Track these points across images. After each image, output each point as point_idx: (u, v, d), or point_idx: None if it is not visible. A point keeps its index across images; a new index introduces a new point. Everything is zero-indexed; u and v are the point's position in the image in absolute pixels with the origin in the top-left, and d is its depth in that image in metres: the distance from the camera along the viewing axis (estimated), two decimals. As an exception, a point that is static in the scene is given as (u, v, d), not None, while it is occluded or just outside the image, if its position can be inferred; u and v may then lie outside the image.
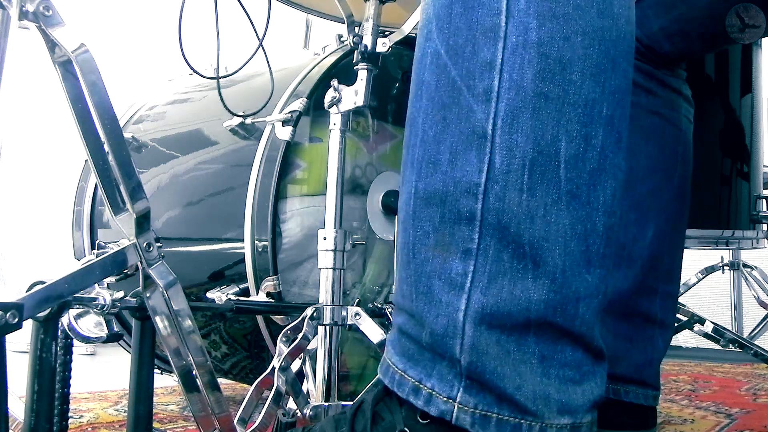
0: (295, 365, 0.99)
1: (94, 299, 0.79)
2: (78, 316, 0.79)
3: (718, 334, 1.90)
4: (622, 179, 0.61)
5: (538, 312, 0.56)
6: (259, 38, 1.17)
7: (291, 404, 0.97)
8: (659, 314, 1.01)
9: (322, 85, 1.22)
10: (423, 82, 0.61)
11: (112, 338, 0.81)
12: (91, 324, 0.80)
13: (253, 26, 1.17)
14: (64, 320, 0.77)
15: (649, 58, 0.98)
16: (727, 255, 2.54)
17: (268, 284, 1.15)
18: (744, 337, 2.18)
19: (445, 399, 0.57)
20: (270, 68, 1.21)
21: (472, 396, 0.57)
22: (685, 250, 1.07)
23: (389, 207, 1.29)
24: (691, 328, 1.94)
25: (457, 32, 0.58)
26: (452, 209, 0.57)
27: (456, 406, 0.57)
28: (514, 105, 0.56)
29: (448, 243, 0.58)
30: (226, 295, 1.16)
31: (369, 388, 1.05)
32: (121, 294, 0.80)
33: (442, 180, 0.58)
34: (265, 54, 1.20)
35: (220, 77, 1.17)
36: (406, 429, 0.59)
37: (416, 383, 0.59)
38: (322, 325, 1.00)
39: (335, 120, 1.05)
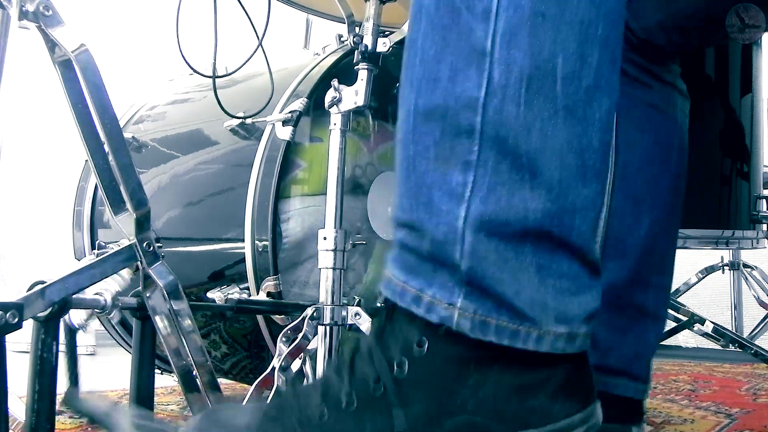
0: (295, 365, 0.99)
1: (95, 299, 0.79)
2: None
3: (718, 334, 1.90)
4: (617, 98, 0.63)
5: (536, 221, 0.58)
6: (258, 38, 1.17)
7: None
8: (652, 307, 1.02)
9: (322, 85, 1.21)
10: (422, 6, 0.63)
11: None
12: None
13: (253, 26, 1.17)
14: (65, 316, 0.77)
15: (644, 52, 0.99)
16: (727, 255, 2.54)
17: (269, 284, 1.15)
18: (744, 337, 2.18)
19: (445, 305, 0.59)
20: (269, 68, 1.21)
21: (472, 302, 0.58)
22: (685, 250, 1.08)
23: None
24: (691, 328, 1.94)
25: None
26: (452, 123, 0.59)
27: (456, 312, 0.59)
28: (512, 23, 0.58)
29: (448, 156, 0.60)
30: (227, 295, 1.16)
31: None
32: (122, 301, 0.80)
33: (442, 96, 0.60)
34: (265, 54, 1.20)
35: (217, 77, 1.17)
36: (402, 361, 0.61)
37: (417, 292, 0.61)
38: (322, 325, 1.00)
39: (335, 120, 1.05)
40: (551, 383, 0.60)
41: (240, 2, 1.14)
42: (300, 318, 0.99)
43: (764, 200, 1.83)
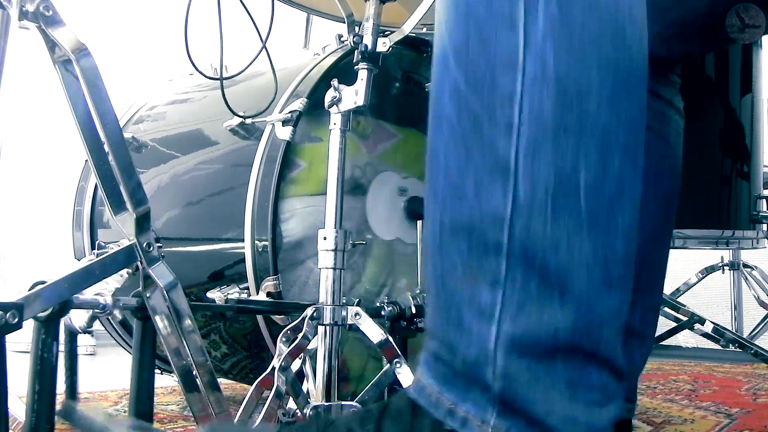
0: (295, 365, 0.99)
1: (95, 299, 0.79)
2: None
3: (718, 334, 1.91)
4: (639, 205, 0.63)
5: (566, 337, 0.58)
6: (262, 40, 1.17)
7: (291, 404, 0.97)
8: (638, 326, 1.02)
9: (322, 84, 1.21)
10: (443, 115, 0.62)
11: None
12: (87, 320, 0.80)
13: (256, 27, 1.17)
14: (65, 319, 0.77)
15: None
16: (727, 255, 2.54)
17: (269, 284, 1.15)
18: (744, 337, 2.18)
19: (479, 423, 0.59)
20: (273, 69, 1.21)
21: (504, 420, 0.58)
22: (685, 250, 1.08)
23: (415, 213, 1.30)
24: (691, 328, 1.94)
25: (476, 65, 0.59)
26: (479, 240, 0.59)
27: (490, 431, 0.58)
28: (534, 136, 0.57)
29: (476, 273, 0.59)
30: (227, 295, 1.16)
31: (371, 390, 1.05)
32: (122, 301, 0.80)
33: (468, 212, 0.60)
34: (269, 55, 1.19)
35: (224, 78, 1.17)
36: None
37: (452, 406, 0.60)
38: (322, 325, 1.00)
39: (335, 120, 1.05)
40: None
41: (243, 4, 1.14)
42: (300, 318, 0.98)
43: (764, 200, 1.83)
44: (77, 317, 0.81)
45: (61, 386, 0.78)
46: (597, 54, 0.58)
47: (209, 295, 1.17)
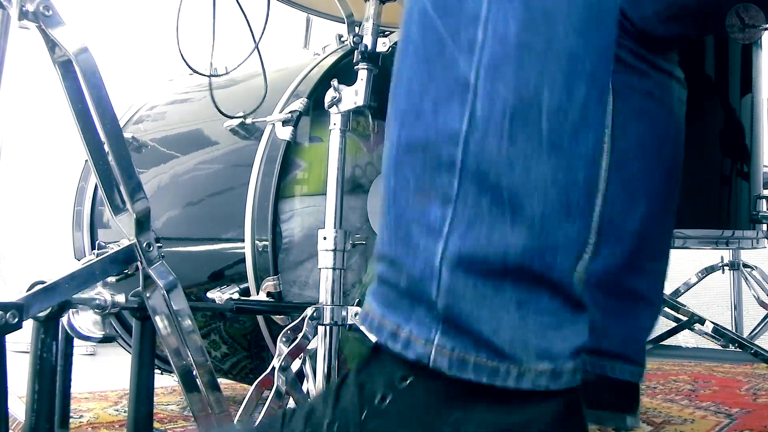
0: (295, 365, 0.99)
1: (95, 299, 0.79)
2: (77, 315, 0.79)
3: (718, 334, 1.91)
4: (603, 134, 0.62)
5: (515, 258, 0.57)
6: (255, 41, 1.17)
7: (291, 404, 0.97)
8: (646, 292, 1.03)
9: (322, 85, 1.21)
10: (409, 38, 0.62)
11: (105, 340, 0.81)
12: (89, 323, 0.80)
13: (250, 28, 1.17)
14: (64, 319, 0.77)
15: (642, 42, 0.99)
16: (727, 255, 2.54)
17: (269, 284, 1.15)
18: (744, 337, 2.18)
19: (422, 342, 0.58)
20: (264, 70, 1.21)
21: (449, 339, 0.57)
22: (685, 250, 1.09)
23: None
24: (691, 328, 1.94)
25: None
26: (433, 156, 0.58)
27: (433, 349, 0.57)
28: (497, 55, 0.57)
29: (428, 189, 0.58)
30: (227, 295, 1.16)
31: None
32: (122, 298, 0.80)
33: (424, 129, 0.59)
34: (260, 56, 1.19)
35: (213, 75, 1.17)
36: (386, 393, 0.59)
37: (394, 328, 0.59)
38: (322, 325, 1.00)
39: (335, 120, 1.05)
40: (537, 424, 0.58)
41: (239, 3, 1.14)
42: (300, 318, 0.99)
43: (764, 200, 1.83)
44: (84, 324, 0.81)
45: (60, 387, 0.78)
46: None
47: (209, 295, 1.17)
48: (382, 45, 1.05)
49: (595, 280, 0.98)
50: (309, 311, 0.99)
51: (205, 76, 1.20)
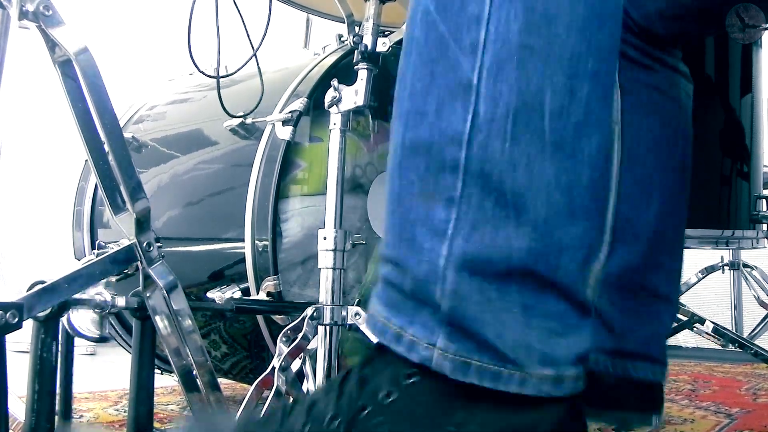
0: (295, 365, 0.99)
1: (94, 299, 0.79)
2: (76, 315, 0.79)
3: (718, 334, 1.90)
4: (609, 134, 0.62)
5: (520, 260, 0.57)
6: (252, 47, 1.17)
7: (291, 404, 0.97)
8: (664, 289, 1.02)
9: (322, 84, 1.21)
10: (413, 39, 0.62)
11: (102, 340, 0.81)
12: (89, 322, 0.80)
13: (247, 32, 1.17)
14: (64, 319, 0.77)
15: (645, 39, 0.99)
16: (727, 255, 2.54)
17: (269, 284, 1.15)
18: (744, 337, 2.18)
19: (426, 345, 0.58)
20: (260, 71, 1.21)
21: (452, 342, 0.57)
22: (685, 250, 1.08)
23: None
24: (691, 328, 1.94)
25: None
26: (437, 158, 0.58)
27: (436, 352, 0.57)
28: (499, 56, 0.57)
29: (432, 191, 0.59)
30: (227, 295, 1.16)
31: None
32: (122, 298, 0.80)
33: (428, 130, 0.59)
34: (257, 60, 1.19)
35: (221, 77, 1.17)
36: (390, 390, 0.59)
37: (398, 330, 0.59)
38: (322, 324, 1.00)
39: (335, 120, 1.05)
40: (540, 427, 0.58)
41: (236, 5, 1.14)
42: (300, 318, 0.98)
43: (764, 200, 1.83)
44: (84, 324, 0.81)
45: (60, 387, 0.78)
46: None
47: (209, 295, 1.17)
48: (382, 45, 1.05)
49: (614, 280, 0.97)
50: (309, 311, 0.99)
51: (212, 77, 1.20)
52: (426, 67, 0.60)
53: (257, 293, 1.16)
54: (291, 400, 0.96)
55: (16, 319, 0.69)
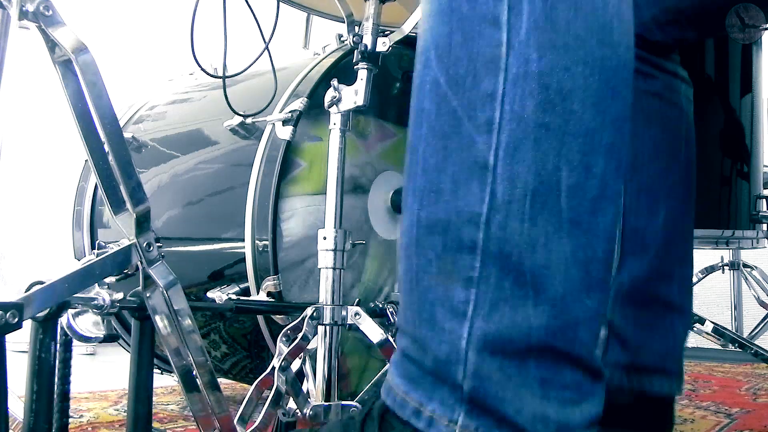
0: (295, 365, 0.99)
1: (94, 299, 0.79)
2: (76, 315, 0.78)
3: (718, 334, 1.90)
4: (621, 205, 0.62)
5: (539, 337, 0.57)
6: (264, 41, 1.17)
7: (291, 404, 0.97)
8: (677, 299, 1.01)
9: (322, 84, 1.21)
10: (423, 111, 0.61)
11: (109, 339, 0.81)
12: (89, 323, 0.80)
13: (260, 28, 1.17)
14: (63, 320, 0.77)
15: (642, 46, 0.99)
16: (727, 255, 2.54)
17: (269, 284, 1.15)
18: (744, 337, 2.18)
19: (446, 423, 0.58)
20: (274, 69, 1.21)
21: (473, 420, 0.58)
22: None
23: (397, 205, 1.29)
24: (691, 328, 1.94)
25: (457, 62, 0.59)
26: (454, 238, 0.58)
27: (457, 430, 0.58)
28: (515, 136, 0.56)
29: (450, 271, 0.58)
30: (227, 295, 1.16)
31: (371, 390, 1.05)
32: (120, 296, 0.80)
33: (444, 209, 0.59)
34: (270, 56, 1.19)
35: (227, 77, 1.17)
36: None
37: (417, 406, 0.60)
38: (322, 324, 1.00)
39: (335, 120, 1.05)
40: None
41: (248, 4, 1.14)
42: (300, 318, 0.98)
43: (764, 200, 1.83)
44: (84, 326, 0.81)
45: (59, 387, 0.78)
46: (582, 53, 0.57)
47: (209, 295, 1.17)
48: (382, 45, 1.05)
49: (625, 292, 0.97)
50: (309, 311, 0.99)
51: (217, 78, 1.20)
52: (439, 142, 0.60)
53: (257, 293, 1.16)
54: (290, 405, 0.96)
55: (16, 319, 0.69)
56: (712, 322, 1.90)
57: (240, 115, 1.23)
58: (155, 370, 0.86)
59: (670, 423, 1.02)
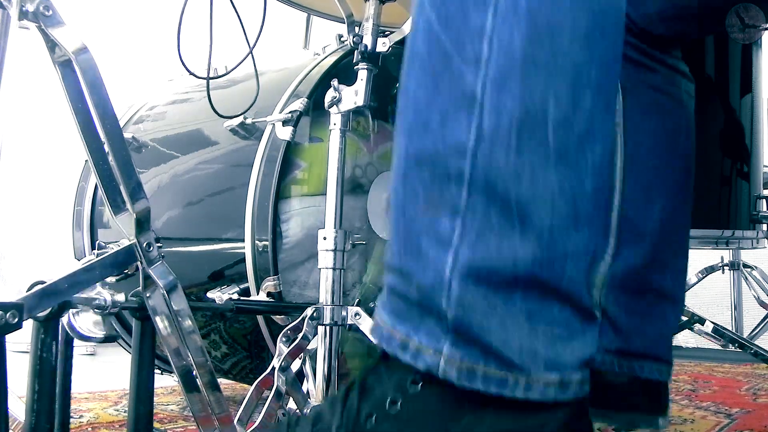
0: (295, 365, 0.99)
1: (94, 299, 0.79)
2: (77, 315, 0.79)
3: (718, 334, 1.90)
4: (612, 144, 0.63)
5: (525, 269, 0.57)
6: (249, 45, 1.17)
7: (291, 404, 0.97)
8: (670, 289, 1.03)
9: (322, 85, 1.21)
10: (415, 52, 0.62)
11: (109, 339, 0.81)
12: (90, 323, 0.80)
13: (244, 31, 1.17)
14: (64, 319, 0.77)
15: (645, 40, 0.99)
16: (727, 255, 2.54)
17: (269, 284, 1.15)
18: (744, 337, 2.18)
19: (431, 353, 0.58)
20: (256, 72, 1.21)
21: (458, 349, 0.58)
22: (685, 250, 1.09)
23: None
24: (691, 328, 1.94)
25: (448, 1, 0.60)
26: (441, 169, 0.59)
27: (442, 359, 0.58)
28: (503, 69, 0.57)
29: (437, 201, 0.59)
30: (227, 295, 1.16)
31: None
32: (122, 298, 0.80)
33: (432, 141, 0.60)
34: (253, 59, 1.19)
35: (210, 78, 1.17)
36: (396, 397, 0.60)
37: (404, 338, 0.60)
38: (322, 325, 1.00)
39: (335, 120, 1.05)
40: (546, 430, 0.59)
41: (233, 5, 1.14)
42: (300, 318, 0.99)
43: (764, 200, 1.83)
44: (85, 325, 0.81)
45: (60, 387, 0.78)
46: None
47: (209, 295, 1.17)
48: (382, 45, 1.05)
49: (619, 280, 0.98)
50: (309, 311, 0.99)
51: (202, 78, 1.20)
52: (429, 79, 0.61)
53: (257, 293, 1.16)
54: (290, 405, 0.96)
55: (16, 319, 0.69)
56: (712, 322, 1.90)
57: (222, 116, 1.22)
58: (155, 370, 0.86)
59: (664, 405, 1.03)
